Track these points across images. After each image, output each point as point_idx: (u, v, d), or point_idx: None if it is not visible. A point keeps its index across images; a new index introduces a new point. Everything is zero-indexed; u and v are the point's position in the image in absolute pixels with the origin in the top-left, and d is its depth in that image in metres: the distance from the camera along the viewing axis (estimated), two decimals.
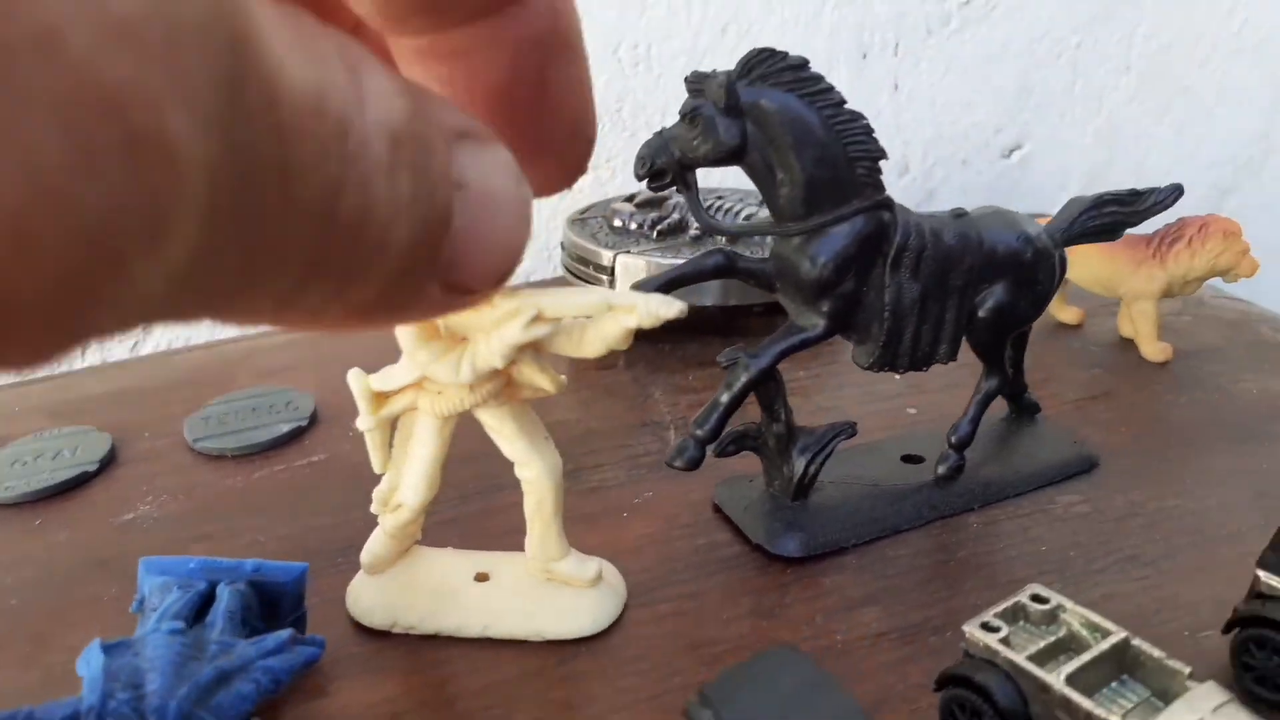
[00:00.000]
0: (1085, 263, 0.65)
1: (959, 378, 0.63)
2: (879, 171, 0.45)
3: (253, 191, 0.12)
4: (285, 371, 0.68)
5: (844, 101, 0.44)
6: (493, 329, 0.37)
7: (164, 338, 0.83)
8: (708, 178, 0.70)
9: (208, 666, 0.33)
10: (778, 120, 0.43)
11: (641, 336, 0.70)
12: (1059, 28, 1.02)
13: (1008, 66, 1.02)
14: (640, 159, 0.45)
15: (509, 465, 0.48)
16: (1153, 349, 0.65)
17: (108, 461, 0.58)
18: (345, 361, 0.40)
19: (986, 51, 1.00)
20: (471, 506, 0.52)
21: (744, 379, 0.46)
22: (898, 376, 0.64)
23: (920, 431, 0.57)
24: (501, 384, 0.40)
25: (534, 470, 0.42)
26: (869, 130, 0.45)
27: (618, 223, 0.73)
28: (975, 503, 0.51)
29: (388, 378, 0.41)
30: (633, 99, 0.90)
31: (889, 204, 0.46)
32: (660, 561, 0.48)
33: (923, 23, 0.97)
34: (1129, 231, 0.58)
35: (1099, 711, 0.33)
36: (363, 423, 0.42)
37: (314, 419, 0.62)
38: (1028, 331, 0.54)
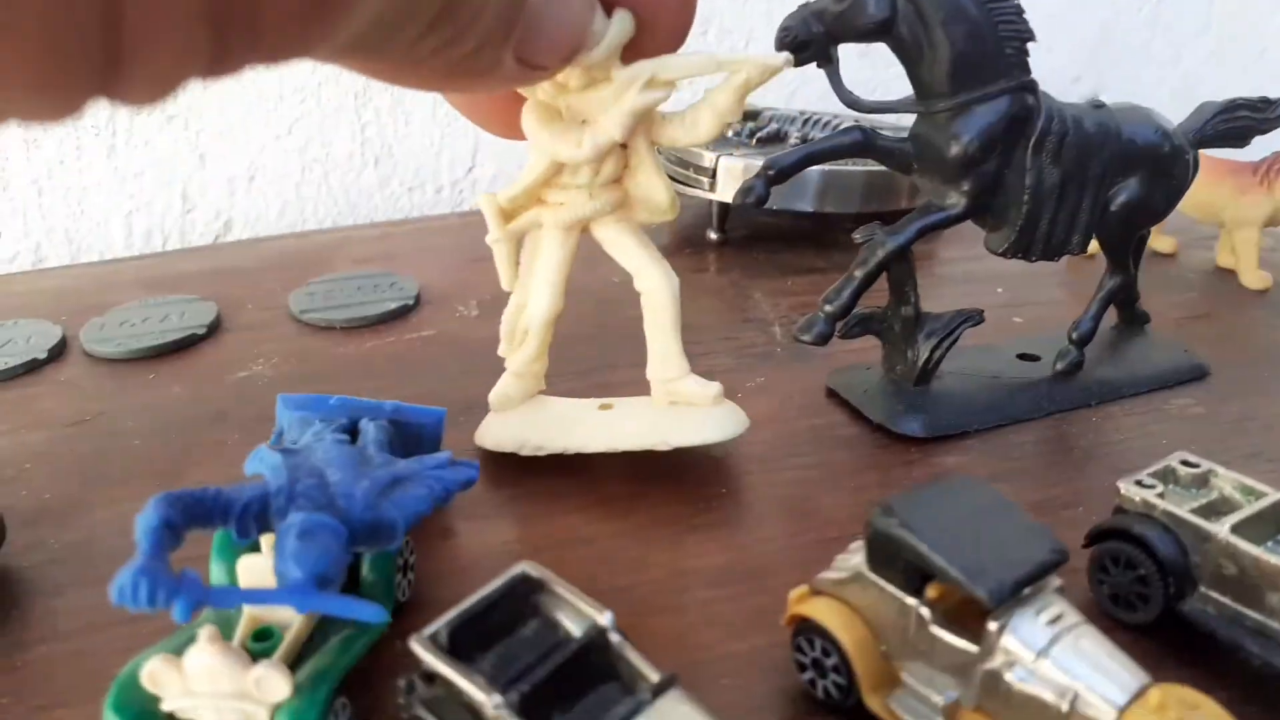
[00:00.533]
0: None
1: (1056, 295, 0.64)
2: (1027, 53, 0.45)
3: None
4: (383, 259, 0.69)
5: None
6: (612, 104, 0.37)
7: (244, 233, 0.84)
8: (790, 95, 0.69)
9: (381, 470, 0.33)
10: None
11: (734, 245, 0.70)
12: None
13: (1088, 14, 1.01)
14: (784, 29, 0.45)
15: (622, 344, 0.48)
16: (1253, 277, 0.65)
17: (215, 327, 0.59)
18: (441, 253, 0.40)
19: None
20: (586, 381, 0.52)
21: (880, 254, 0.46)
22: (999, 290, 0.64)
23: (1029, 337, 0.57)
24: (619, 196, 0.40)
25: (653, 279, 0.42)
26: (1019, 10, 0.45)
27: None
28: (1092, 399, 0.51)
29: (512, 188, 0.41)
30: (719, 22, 0.90)
31: (1034, 86, 0.46)
32: (780, 436, 0.48)
33: None
34: (1234, 157, 0.58)
35: (1269, 557, 0.33)
36: (491, 236, 0.42)
37: (419, 300, 0.62)
38: (1146, 237, 0.54)
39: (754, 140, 0.71)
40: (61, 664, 0.35)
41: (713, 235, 0.72)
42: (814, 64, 0.45)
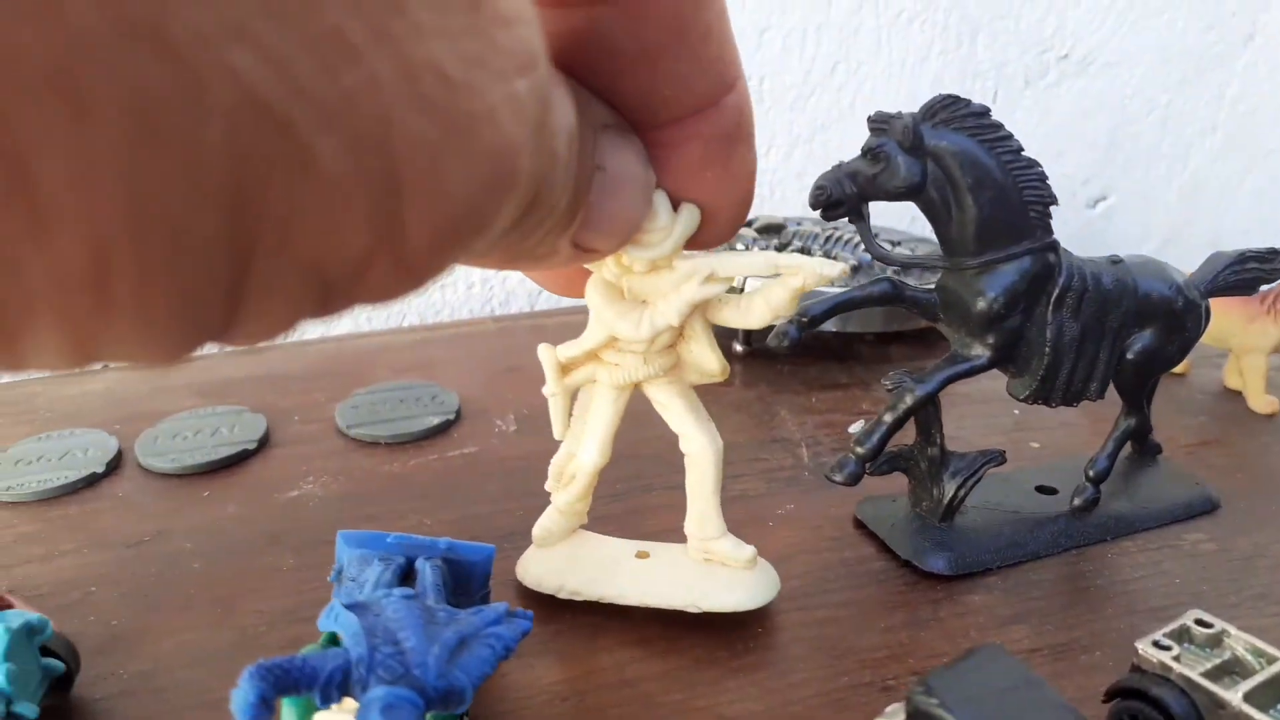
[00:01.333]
0: None
1: (1071, 416, 0.66)
2: (1049, 216, 0.48)
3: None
4: (421, 368, 0.71)
5: (1021, 149, 0.47)
6: (671, 290, 0.40)
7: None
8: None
9: (447, 631, 0.36)
10: (958, 162, 0.46)
11: (760, 357, 0.73)
12: (1151, 86, 1.05)
13: (1099, 121, 1.05)
14: (819, 189, 0.47)
15: (658, 467, 0.51)
16: (1261, 401, 0.68)
17: (265, 441, 0.61)
18: (478, 361, 0.43)
19: (1080, 105, 1.03)
20: (623, 504, 0.55)
21: (909, 402, 0.48)
22: (1016, 412, 0.67)
23: (1047, 465, 0.59)
24: (672, 361, 0.43)
25: (698, 444, 0.44)
26: (1043, 177, 0.48)
27: (740, 246, 0.76)
28: (1108, 535, 0.53)
29: (571, 346, 0.44)
30: None
31: (1055, 246, 0.48)
32: (811, 570, 0.51)
33: (1022, 73, 1.00)
34: None
35: None
36: (549, 389, 0.44)
37: (459, 414, 0.64)
38: (1158, 377, 0.57)
39: None
40: None
41: (739, 348, 0.75)
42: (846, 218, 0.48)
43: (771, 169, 0.96)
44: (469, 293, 0.91)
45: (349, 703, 0.34)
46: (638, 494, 0.55)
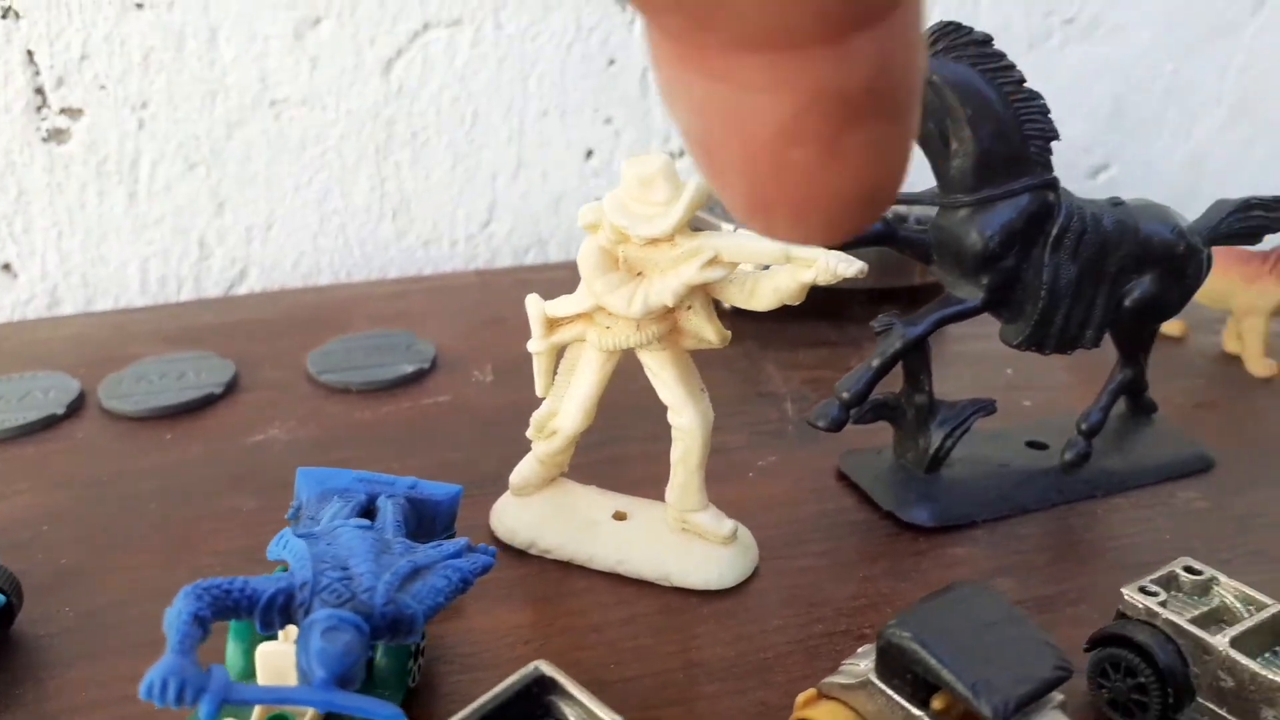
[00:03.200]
0: None
1: (1065, 376, 0.64)
2: (1050, 152, 0.46)
3: None
4: (399, 318, 0.69)
5: (1024, 80, 0.45)
6: (669, 266, 0.38)
7: (258, 282, 0.85)
8: None
9: (401, 560, 0.34)
10: (958, 91, 0.44)
11: (746, 314, 0.71)
12: (1157, 53, 1.03)
13: (1103, 88, 1.02)
14: None
15: (637, 418, 0.49)
16: (1259, 364, 0.66)
17: (232, 386, 0.59)
18: (458, 313, 0.41)
19: (1084, 70, 1.01)
20: (604, 453, 0.53)
21: (898, 345, 0.46)
22: (1009, 371, 0.65)
23: (1038, 422, 0.57)
24: (668, 327, 0.41)
25: (687, 418, 0.42)
26: (1045, 110, 0.46)
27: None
28: (1099, 490, 0.52)
29: (562, 304, 0.42)
30: None
31: (1055, 184, 0.46)
32: (790, 521, 0.49)
33: (1025, 35, 0.98)
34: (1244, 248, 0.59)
35: (1265, 673, 0.34)
36: (534, 345, 0.43)
37: (435, 363, 0.62)
38: (1156, 330, 0.55)
39: None
40: None
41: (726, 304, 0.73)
42: None
43: None
44: (453, 250, 0.89)
45: (294, 632, 0.32)
46: (618, 443, 0.54)
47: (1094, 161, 1.06)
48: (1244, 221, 0.52)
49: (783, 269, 0.38)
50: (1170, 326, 0.71)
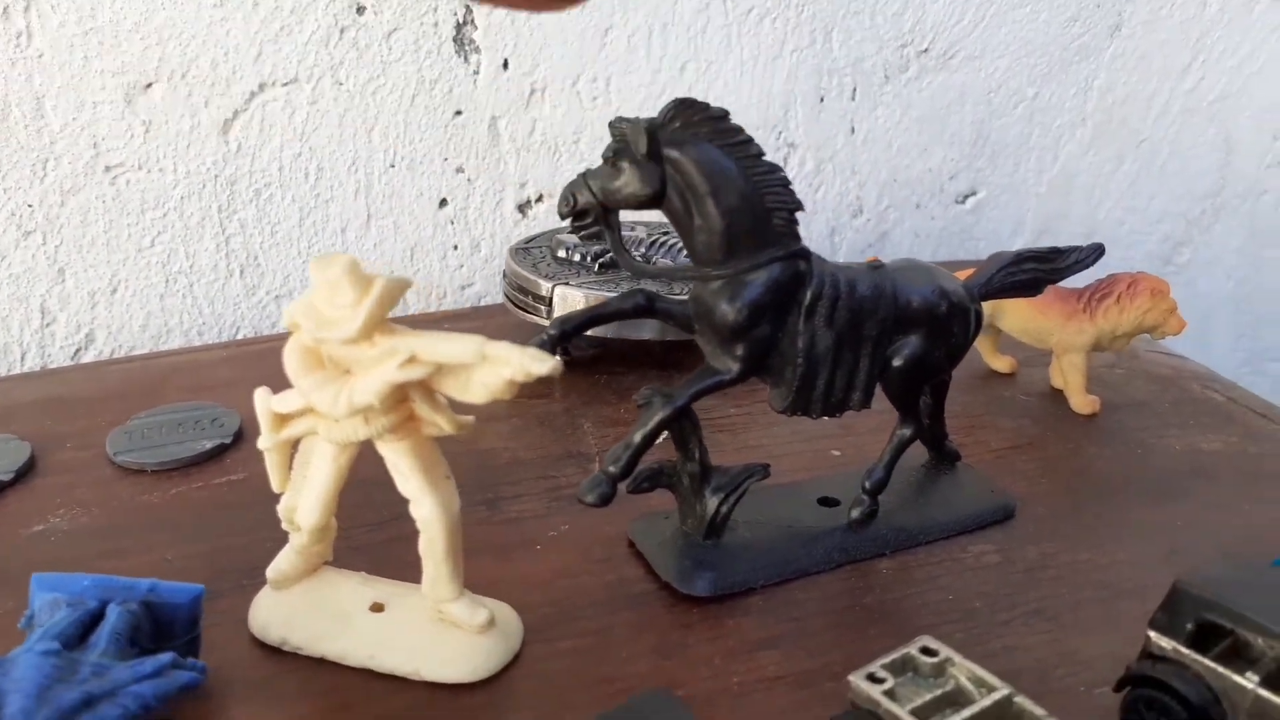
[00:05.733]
0: (1017, 313, 0.66)
1: (886, 422, 0.64)
2: (795, 222, 0.46)
3: None
4: (217, 388, 0.68)
5: (763, 153, 0.45)
6: (372, 365, 0.38)
7: (106, 346, 0.83)
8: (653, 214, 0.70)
9: (76, 690, 0.33)
10: (697, 168, 0.44)
11: (583, 365, 0.71)
12: (1016, 79, 1.03)
13: (964, 115, 1.03)
14: (563, 198, 0.45)
15: None
16: (1081, 401, 0.66)
17: (25, 471, 0.58)
18: (268, 381, 0.40)
19: (944, 99, 1.01)
20: (385, 533, 0.52)
21: (657, 418, 0.46)
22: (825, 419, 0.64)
23: (841, 474, 0.57)
24: (400, 419, 0.40)
25: (426, 508, 0.42)
26: (786, 182, 0.45)
27: (561, 254, 0.74)
28: (887, 548, 0.51)
29: (287, 399, 0.41)
30: (590, 131, 0.91)
31: (805, 254, 0.46)
32: (568, 596, 0.48)
33: (881, 68, 0.98)
34: (1064, 284, 0.59)
35: None
36: (262, 442, 0.42)
37: (238, 437, 0.61)
38: (947, 380, 0.55)
39: (596, 266, 0.71)
40: None
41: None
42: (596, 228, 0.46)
43: None
44: (276, 305, 0.88)
45: None
46: (398, 522, 0.52)
47: (960, 188, 1.06)
48: (1017, 275, 0.52)
49: (489, 367, 0.38)
50: (999, 363, 0.71)
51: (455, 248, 0.91)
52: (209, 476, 0.58)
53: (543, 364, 0.36)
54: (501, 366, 0.37)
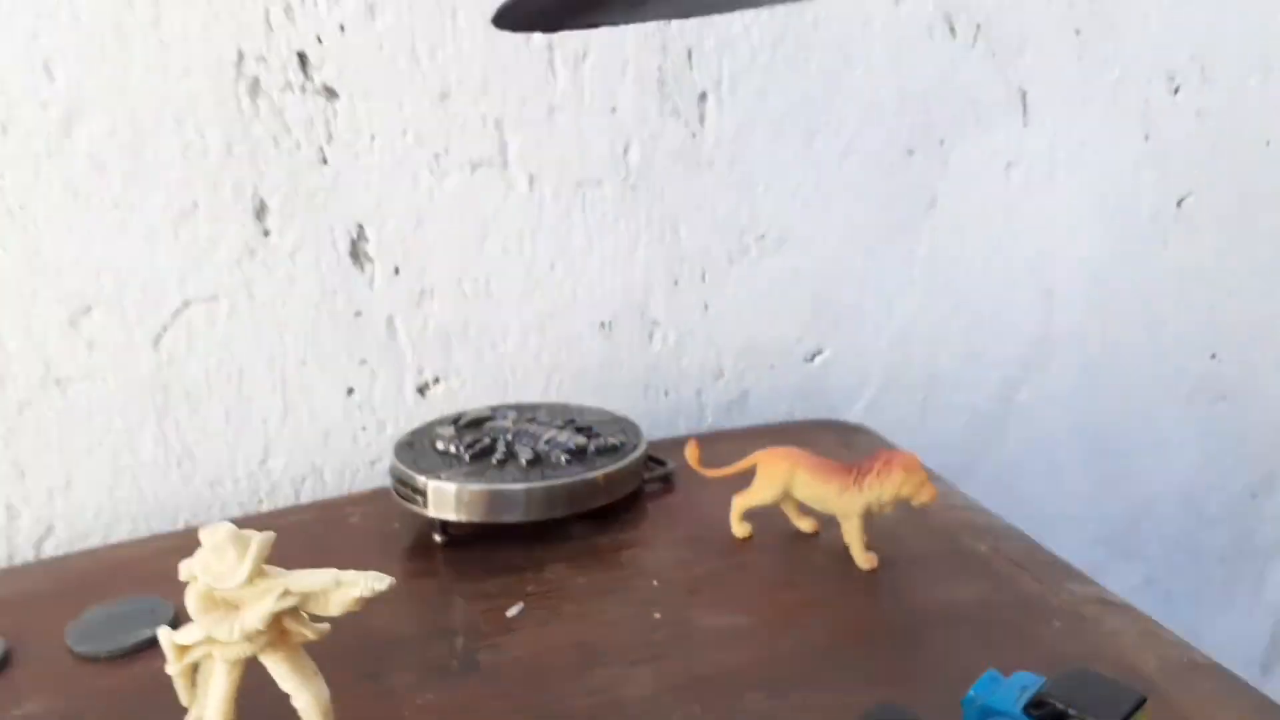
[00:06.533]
0: (807, 484, 0.81)
1: None
2: None
3: None
4: (155, 580, 0.80)
5: None
6: (256, 600, 0.52)
7: (65, 535, 0.97)
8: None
9: None
10: None
11: (463, 543, 0.85)
12: (845, 254, 1.20)
13: (802, 287, 1.20)
14: None
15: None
16: (861, 559, 0.81)
17: (2, 664, 0.71)
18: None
19: (782, 276, 1.18)
20: None
21: None
22: None
23: None
24: (275, 635, 0.55)
25: (303, 700, 0.56)
26: None
27: (440, 445, 0.88)
28: None
29: (187, 633, 0.55)
30: (477, 321, 1.07)
31: None
32: None
33: (725, 255, 1.15)
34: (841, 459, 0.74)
35: None
36: (170, 669, 0.56)
37: (173, 625, 0.75)
38: None
39: (469, 456, 0.86)
40: None
41: (438, 538, 0.86)
42: None
43: (511, 354, 1.09)
44: (236, 488, 1.02)
45: None
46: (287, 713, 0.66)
47: (807, 348, 1.23)
48: None
49: (342, 587, 0.52)
50: (804, 523, 0.87)
51: (364, 429, 1.06)
52: (151, 661, 0.70)
53: (382, 582, 0.51)
54: (351, 588, 0.52)
